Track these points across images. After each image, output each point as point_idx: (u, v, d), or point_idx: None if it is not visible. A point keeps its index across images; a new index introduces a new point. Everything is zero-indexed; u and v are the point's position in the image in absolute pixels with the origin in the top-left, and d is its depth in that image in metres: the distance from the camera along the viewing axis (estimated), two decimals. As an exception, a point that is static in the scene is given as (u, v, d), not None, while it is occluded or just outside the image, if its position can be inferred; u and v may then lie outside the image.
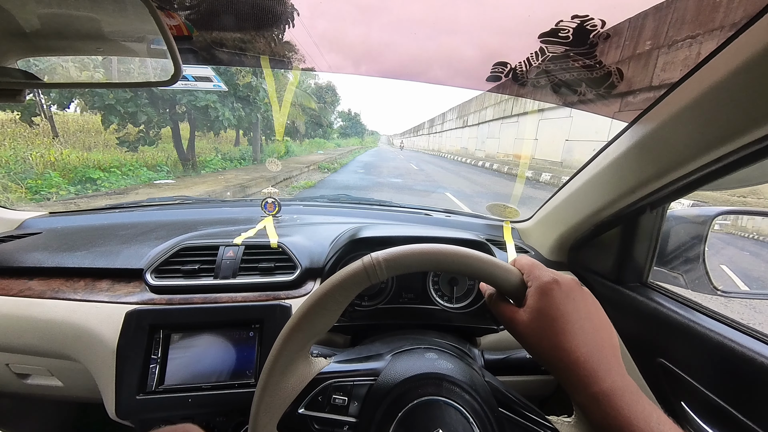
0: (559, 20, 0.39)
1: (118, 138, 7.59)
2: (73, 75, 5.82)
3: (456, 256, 0.41)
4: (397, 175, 11.50)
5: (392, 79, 0.89)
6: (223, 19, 0.50)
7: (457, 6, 0.61)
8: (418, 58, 0.80)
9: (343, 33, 0.75)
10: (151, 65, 0.75)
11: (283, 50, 0.75)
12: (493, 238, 0.95)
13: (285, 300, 0.71)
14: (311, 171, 10.50)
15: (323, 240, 0.83)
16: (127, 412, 0.62)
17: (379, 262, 0.40)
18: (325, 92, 32.90)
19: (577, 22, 0.36)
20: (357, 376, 0.46)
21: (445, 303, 0.77)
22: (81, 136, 8.91)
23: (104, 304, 0.68)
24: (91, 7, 0.57)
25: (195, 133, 9.14)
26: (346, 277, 0.40)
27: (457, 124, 32.05)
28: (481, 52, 0.69)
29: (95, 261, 0.74)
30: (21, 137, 7.05)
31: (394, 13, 0.68)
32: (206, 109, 8.18)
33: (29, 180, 5.27)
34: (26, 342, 0.67)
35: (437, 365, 0.47)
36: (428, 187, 8.89)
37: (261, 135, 12.06)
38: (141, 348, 0.63)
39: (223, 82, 6.01)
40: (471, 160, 22.10)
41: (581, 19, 0.36)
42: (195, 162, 8.94)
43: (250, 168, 9.77)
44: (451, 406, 0.42)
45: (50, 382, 0.76)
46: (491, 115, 20.93)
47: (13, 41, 0.61)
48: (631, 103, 0.61)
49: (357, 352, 0.53)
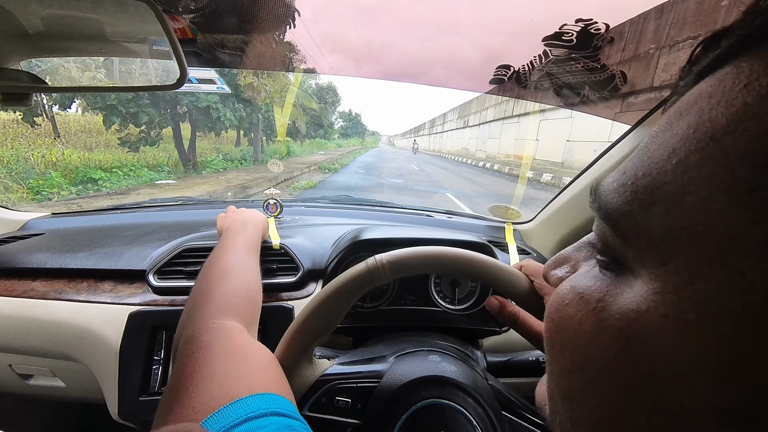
0: (563, 24, 0.39)
1: (120, 138, 7.61)
2: (75, 75, 5.84)
3: (460, 259, 0.41)
4: (397, 176, 11.50)
5: (394, 81, 0.89)
6: (227, 21, 0.50)
7: (459, 8, 0.61)
8: (420, 59, 0.81)
9: (345, 35, 0.75)
10: (156, 69, 0.75)
11: (285, 51, 0.75)
12: (494, 240, 0.95)
13: (287, 302, 0.71)
14: (312, 171, 10.51)
15: (325, 241, 0.83)
16: (129, 413, 0.62)
17: (383, 264, 0.40)
18: (326, 92, 32.94)
19: (581, 26, 0.37)
20: (360, 378, 0.46)
21: (446, 305, 0.77)
22: (82, 137, 8.93)
23: (107, 305, 0.68)
24: (95, 9, 0.57)
25: (196, 134, 9.17)
26: (350, 279, 0.40)
27: (458, 125, 32.07)
28: (483, 54, 0.69)
29: (98, 262, 0.75)
30: (23, 137, 7.08)
31: (396, 15, 0.68)
32: (208, 110, 8.20)
33: (31, 180, 5.28)
34: (29, 343, 0.67)
35: (440, 368, 0.47)
36: (429, 188, 8.89)
37: (262, 135, 12.08)
38: (143, 349, 0.63)
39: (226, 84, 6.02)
40: (472, 160, 22.10)
41: (585, 22, 0.36)
42: (196, 162, 8.96)
43: (251, 168, 9.79)
44: (455, 410, 0.42)
45: (53, 383, 0.76)
46: (492, 116, 20.94)
47: (17, 43, 0.61)
48: (632, 104, 0.61)
49: (360, 354, 0.53)
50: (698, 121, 0.13)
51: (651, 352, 0.14)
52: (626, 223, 0.15)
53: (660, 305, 0.13)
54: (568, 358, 0.17)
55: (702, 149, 0.13)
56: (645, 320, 0.14)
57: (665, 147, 0.14)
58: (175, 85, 0.46)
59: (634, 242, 0.15)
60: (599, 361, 0.15)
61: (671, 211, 0.13)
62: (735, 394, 0.12)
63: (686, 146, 0.13)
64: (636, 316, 0.14)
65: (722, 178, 0.12)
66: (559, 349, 0.18)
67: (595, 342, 0.16)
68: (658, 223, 0.14)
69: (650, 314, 0.14)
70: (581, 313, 0.17)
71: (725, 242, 0.12)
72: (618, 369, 0.15)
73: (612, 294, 0.16)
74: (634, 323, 0.14)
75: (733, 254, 0.11)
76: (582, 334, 0.17)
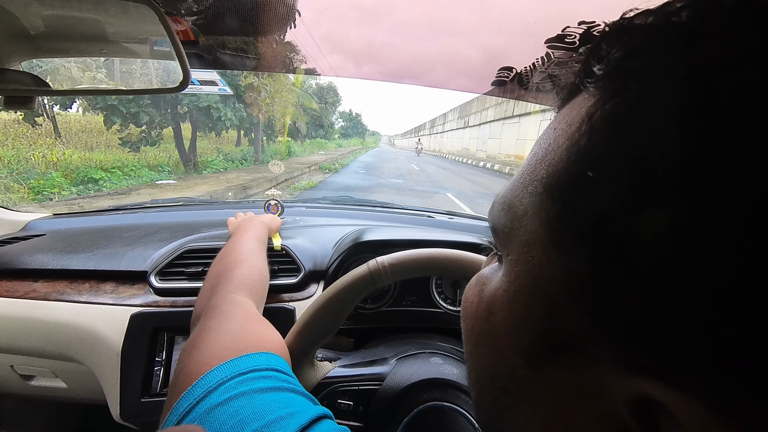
0: (566, 26, 0.39)
1: (121, 138, 7.62)
2: (75, 75, 5.85)
3: (461, 260, 0.41)
4: (397, 176, 11.50)
5: (395, 83, 0.89)
6: (230, 22, 0.50)
7: (460, 9, 0.61)
8: (421, 60, 0.80)
9: (346, 36, 0.75)
10: (158, 72, 0.75)
11: (286, 52, 0.75)
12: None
13: (288, 303, 0.71)
14: (312, 171, 10.51)
15: (326, 242, 0.83)
16: (131, 415, 0.62)
17: (384, 266, 0.40)
18: (327, 92, 32.93)
19: (584, 28, 0.36)
20: (362, 380, 0.46)
21: (448, 306, 0.77)
22: (83, 137, 8.94)
23: (109, 306, 0.68)
24: (97, 10, 0.57)
25: (197, 134, 9.17)
26: (351, 281, 0.40)
27: (458, 125, 32.05)
28: (484, 54, 0.69)
29: (100, 263, 0.75)
30: (24, 137, 7.08)
31: (397, 16, 0.68)
32: (208, 110, 8.20)
33: (32, 180, 5.28)
34: (31, 344, 0.67)
35: (442, 370, 0.47)
36: (429, 188, 8.89)
37: (262, 135, 12.08)
38: (145, 351, 0.63)
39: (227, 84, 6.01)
40: (472, 160, 22.09)
41: (588, 25, 0.36)
42: (197, 162, 8.96)
43: (252, 168, 9.79)
44: (457, 412, 0.42)
45: (54, 384, 0.76)
46: (492, 116, 20.92)
47: (18, 43, 0.61)
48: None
49: (361, 356, 0.53)
50: (536, 152, 0.18)
51: (497, 316, 0.19)
52: (496, 225, 0.20)
53: (503, 283, 0.19)
54: (465, 330, 0.22)
55: (531, 173, 0.17)
56: (498, 294, 0.19)
57: (521, 169, 0.19)
58: (178, 88, 0.46)
59: (498, 240, 0.20)
60: (477, 327, 0.21)
61: (513, 217, 0.18)
62: (527, 340, 0.17)
63: (527, 169, 0.18)
64: (494, 292, 0.19)
65: (533, 194, 0.17)
66: (463, 323, 0.23)
67: (477, 313, 0.21)
68: (508, 225, 0.19)
69: (499, 290, 0.19)
70: (474, 293, 0.22)
71: (531, 239, 0.17)
72: (484, 331, 0.20)
73: (490, 279, 0.21)
74: (493, 297, 0.19)
75: (531, 247, 0.16)
76: (471, 309, 0.21)
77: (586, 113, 0.15)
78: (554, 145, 0.16)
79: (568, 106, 0.17)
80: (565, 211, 0.15)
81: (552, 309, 0.15)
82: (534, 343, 0.16)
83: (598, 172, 0.13)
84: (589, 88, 0.16)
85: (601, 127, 0.14)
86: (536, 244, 0.16)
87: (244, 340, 0.32)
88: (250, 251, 0.55)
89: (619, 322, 0.13)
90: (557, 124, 0.17)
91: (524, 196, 0.18)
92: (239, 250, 0.54)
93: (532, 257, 0.16)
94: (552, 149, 0.16)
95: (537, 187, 0.17)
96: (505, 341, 0.18)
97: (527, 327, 0.17)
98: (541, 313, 0.16)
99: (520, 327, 0.17)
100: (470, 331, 0.21)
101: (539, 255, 0.16)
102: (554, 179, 0.15)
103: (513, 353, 0.18)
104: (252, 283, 0.46)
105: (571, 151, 0.15)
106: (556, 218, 0.15)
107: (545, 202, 0.16)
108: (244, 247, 0.56)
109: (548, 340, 0.16)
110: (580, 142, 0.14)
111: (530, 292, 0.17)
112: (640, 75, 0.13)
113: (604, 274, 0.13)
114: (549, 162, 0.16)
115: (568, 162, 0.15)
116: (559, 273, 0.15)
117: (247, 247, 0.56)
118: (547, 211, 0.16)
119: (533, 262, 0.16)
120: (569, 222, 0.14)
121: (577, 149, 0.15)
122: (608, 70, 0.15)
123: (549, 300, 0.16)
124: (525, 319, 0.17)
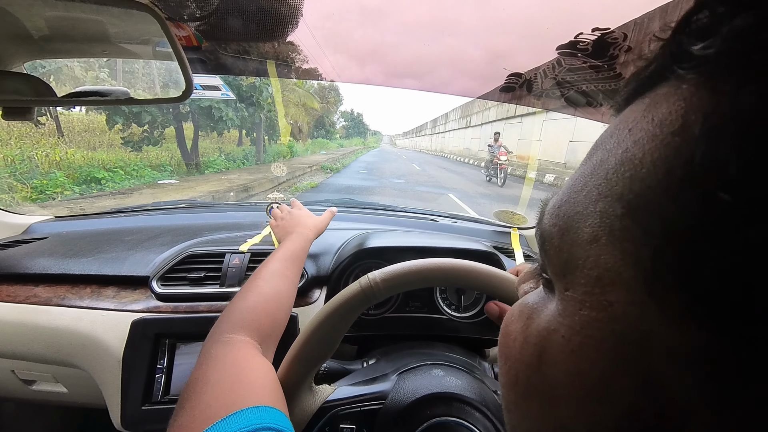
0: (579, 33, 0.38)
1: (123, 138, 7.63)
2: (78, 75, 5.86)
3: (454, 270, 0.40)
4: (399, 176, 11.48)
5: (397, 87, 0.88)
6: (232, 28, 0.49)
7: (463, 10, 0.60)
8: (423, 61, 0.80)
9: (348, 38, 0.74)
10: (162, 81, 0.74)
11: (288, 54, 0.74)
12: (500, 246, 0.94)
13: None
14: (314, 171, 10.50)
15: (329, 247, 0.82)
16: (132, 423, 0.61)
17: (376, 282, 0.39)
18: (328, 92, 32.94)
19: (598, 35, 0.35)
20: (364, 401, 0.45)
21: (452, 312, 0.76)
22: (86, 136, 8.95)
23: (110, 312, 0.67)
24: (99, 12, 0.56)
25: (199, 133, 9.18)
26: (343, 301, 0.39)
27: (460, 125, 31.98)
28: (487, 55, 0.68)
29: (101, 268, 0.74)
30: (27, 137, 7.10)
31: (399, 18, 0.67)
32: (210, 110, 8.21)
33: (35, 180, 5.30)
34: (32, 350, 0.66)
35: (445, 383, 0.46)
36: (431, 188, 8.87)
37: (264, 135, 12.09)
38: (146, 358, 0.63)
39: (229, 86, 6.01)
40: (474, 160, 22.04)
41: (602, 32, 0.35)
42: (198, 162, 8.97)
43: (253, 168, 9.79)
44: (463, 426, 0.41)
45: (55, 389, 0.76)
46: (494, 116, 20.86)
47: (20, 44, 0.61)
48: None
49: (362, 375, 0.52)
50: (603, 158, 0.14)
51: (554, 368, 0.14)
52: (548, 245, 0.16)
53: (560, 326, 0.14)
54: (506, 374, 0.18)
55: (600, 185, 0.13)
56: (554, 339, 0.14)
57: (582, 176, 0.15)
58: (181, 98, 0.45)
59: (552, 265, 0.16)
60: (524, 376, 0.16)
61: (575, 240, 0.14)
62: (608, 421, 0.12)
63: (593, 180, 0.14)
64: (547, 334, 0.15)
65: (607, 215, 0.12)
66: (503, 364, 0.19)
67: (522, 356, 0.16)
68: (566, 249, 0.14)
69: (556, 333, 0.14)
70: (518, 328, 0.18)
71: (607, 277, 0.12)
72: (534, 383, 0.16)
73: (538, 311, 0.16)
74: (546, 341, 0.15)
75: (606, 288, 0.12)
76: (515, 348, 0.17)
77: (690, 109, 0.10)
78: (637, 152, 0.12)
79: (644, 101, 0.13)
80: (673, 251, 0.10)
81: (648, 383, 0.11)
82: (618, 427, 0.12)
83: (739, 196, 0.09)
84: (685, 75, 0.11)
85: (732, 129, 0.09)
86: (616, 287, 0.12)
87: (232, 392, 0.30)
88: (265, 276, 0.51)
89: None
90: (633, 123, 0.13)
91: (591, 215, 0.13)
92: (260, 275, 0.51)
93: (609, 303, 0.12)
94: (634, 156, 0.12)
95: (613, 207, 0.12)
96: (569, 409, 0.14)
97: (606, 402, 0.12)
98: (631, 387, 0.12)
99: (594, 400, 0.13)
100: (515, 378, 0.17)
101: (623, 304, 0.12)
102: (646, 200, 0.11)
103: (582, 429, 0.13)
104: (253, 317, 0.43)
105: (672, 162, 0.11)
106: (655, 257, 0.11)
107: (630, 229, 0.11)
108: (263, 270, 0.52)
109: (638, 426, 0.12)
110: (691, 149, 0.10)
111: (609, 353, 0.12)
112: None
113: (752, 352, 0.09)
114: (632, 174, 0.12)
115: (670, 177, 0.10)
116: (664, 338, 0.11)
117: (266, 270, 0.52)
118: (635, 244, 0.11)
119: (613, 311, 0.12)
120: (683, 269, 0.10)
121: (686, 161, 0.10)
122: (726, 48, 0.10)
123: (645, 371, 0.11)
124: (602, 388, 0.12)
